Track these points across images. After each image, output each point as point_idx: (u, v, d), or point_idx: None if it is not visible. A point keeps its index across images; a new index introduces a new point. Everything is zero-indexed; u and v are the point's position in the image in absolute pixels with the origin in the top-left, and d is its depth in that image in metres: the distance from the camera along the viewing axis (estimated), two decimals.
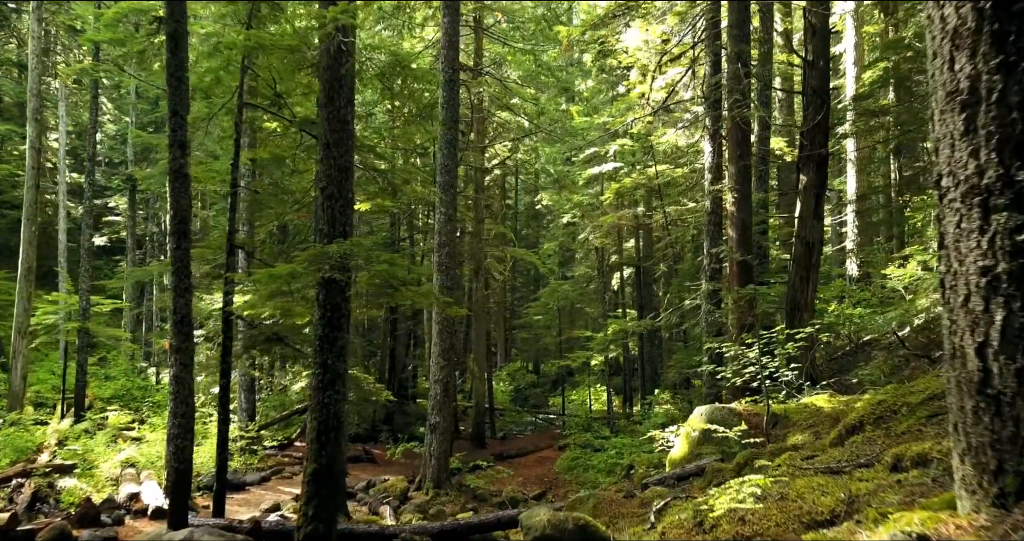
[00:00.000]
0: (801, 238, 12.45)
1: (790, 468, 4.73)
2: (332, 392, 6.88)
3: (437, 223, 14.69)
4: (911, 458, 3.46)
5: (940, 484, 2.93)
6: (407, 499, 13.89)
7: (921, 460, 3.36)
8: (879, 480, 3.42)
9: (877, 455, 4.33)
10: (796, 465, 4.82)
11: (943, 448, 3.24)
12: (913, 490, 2.96)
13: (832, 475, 4.06)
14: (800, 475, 4.23)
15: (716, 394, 12.67)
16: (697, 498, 4.82)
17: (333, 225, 7.03)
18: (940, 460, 3.19)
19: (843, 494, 3.24)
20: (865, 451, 4.69)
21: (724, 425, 8.41)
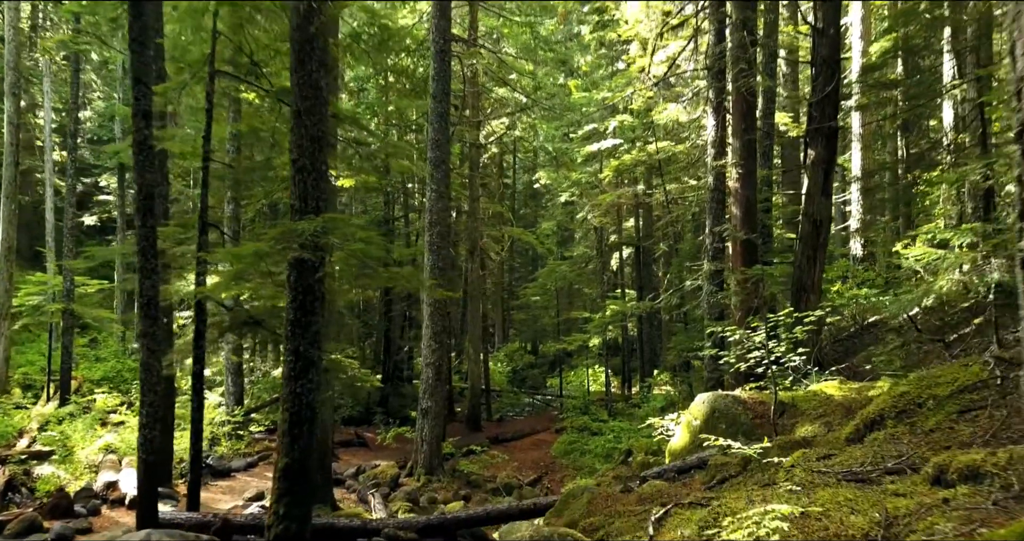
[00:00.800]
0: (808, 216, 11.88)
1: (806, 471, 4.21)
2: (305, 381, 6.36)
3: (428, 201, 14.11)
4: (958, 470, 2.93)
5: (1003, 509, 2.42)
6: (398, 485, 13.46)
7: (971, 473, 2.85)
8: (919, 495, 2.90)
9: (907, 459, 3.81)
10: (812, 467, 4.30)
11: (999, 461, 2.73)
12: (968, 514, 2.45)
13: (858, 483, 3.54)
14: (820, 482, 3.71)
15: (718, 379, 12.18)
16: (702, 505, 4.31)
17: (305, 200, 6.46)
18: (997, 475, 2.68)
19: (878, 513, 2.72)
20: (890, 452, 4.17)
21: (728, 414, 7.92)
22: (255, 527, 7.70)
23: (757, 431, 7.68)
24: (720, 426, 7.90)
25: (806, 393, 8.11)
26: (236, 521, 7.78)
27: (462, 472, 14.68)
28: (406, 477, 13.86)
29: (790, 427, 7.39)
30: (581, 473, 15.45)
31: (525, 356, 35.43)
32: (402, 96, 22.02)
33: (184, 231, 8.78)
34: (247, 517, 7.94)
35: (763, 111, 15.91)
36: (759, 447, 6.09)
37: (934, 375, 5.33)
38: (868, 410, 5.35)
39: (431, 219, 13.98)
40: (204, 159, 8.77)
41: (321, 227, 6.15)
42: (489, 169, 30.96)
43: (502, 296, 37.39)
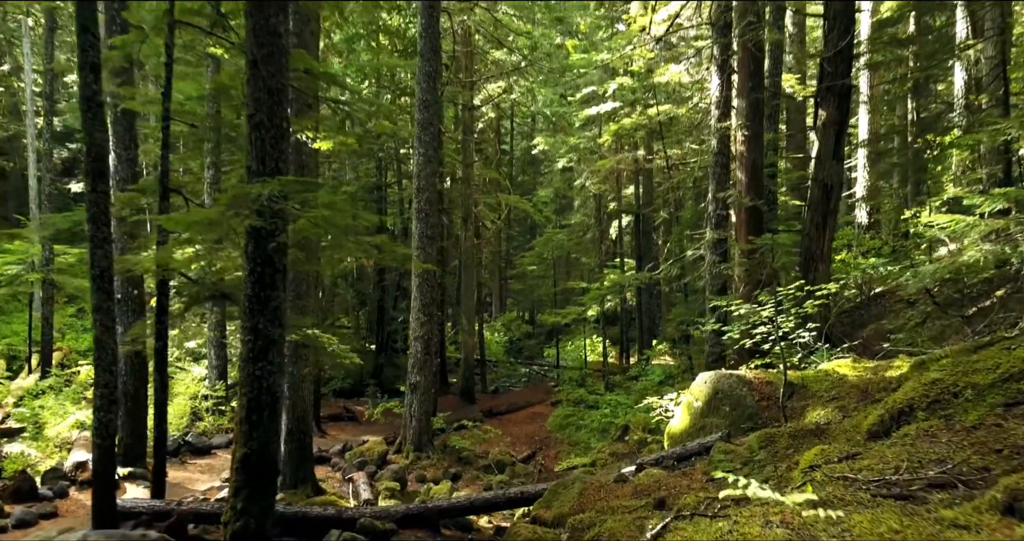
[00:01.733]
0: (818, 181, 11.16)
1: (828, 477, 3.59)
2: (265, 363, 5.73)
3: (416, 165, 13.36)
4: None
5: None
6: (386, 463, 12.96)
7: None
8: (989, 530, 2.27)
9: (952, 467, 3.18)
10: (835, 470, 3.68)
11: None
12: None
13: (899, 501, 2.91)
14: (850, 497, 3.09)
15: (719, 354, 11.58)
16: (706, 516, 3.69)
17: (263, 161, 5.76)
18: None
19: None
20: (928, 454, 3.54)
21: (731, 395, 7.31)
22: (219, 516, 7.14)
23: (763, 414, 7.09)
24: (723, 408, 7.31)
25: (816, 372, 7.49)
26: (202, 510, 7.23)
27: (453, 448, 14.17)
28: (394, 454, 13.35)
29: (800, 411, 6.79)
30: (576, 449, 14.97)
31: (522, 326, 34.91)
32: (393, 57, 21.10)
33: (144, 197, 8.07)
34: (212, 506, 7.38)
35: (769, 70, 15.06)
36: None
37: (970, 359, 4.69)
38: (894, 399, 4.72)
39: (419, 185, 13.25)
40: (164, 119, 8.02)
41: (278, 191, 5.46)
42: (486, 135, 30.07)
43: (499, 265, 36.72)
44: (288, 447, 10.27)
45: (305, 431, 10.33)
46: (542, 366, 28.93)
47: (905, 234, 21.87)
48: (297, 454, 10.27)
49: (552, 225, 31.99)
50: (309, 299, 10.36)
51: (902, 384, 5.98)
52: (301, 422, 10.28)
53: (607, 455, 13.49)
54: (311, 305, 10.35)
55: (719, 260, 11.71)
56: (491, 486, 12.42)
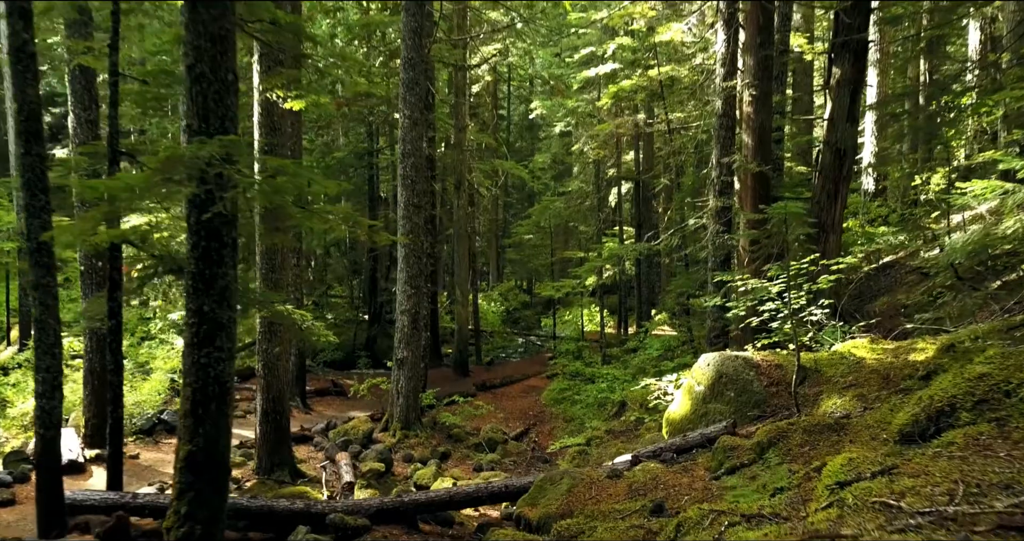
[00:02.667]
0: (830, 144, 10.40)
1: (861, 503, 2.93)
2: (212, 349, 5.05)
3: (401, 128, 12.55)
4: None
5: None
6: (372, 442, 12.39)
7: None
8: None
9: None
10: (872, 493, 3.02)
11: None
12: None
13: None
14: (896, 537, 2.43)
15: (722, 329, 10.93)
16: None
17: (206, 119, 5.01)
18: None
19: None
20: (986, 473, 2.88)
21: (737, 380, 6.66)
22: (157, 508, 6.56)
23: (772, 401, 6.46)
24: (728, 394, 6.67)
25: (831, 355, 6.84)
26: (160, 503, 6.64)
27: (443, 425, 13.62)
28: (381, 432, 12.79)
29: (813, 399, 6.15)
30: (571, 425, 14.43)
31: (520, 295, 34.30)
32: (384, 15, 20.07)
33: (93, 162, 7.32)
34: (167, 499, 6.76)
35: (778, 26, 14.14)
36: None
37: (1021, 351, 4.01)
38: (931, 395, 4.05)
39: (405, 149, 12.46)
40: (111, 74, 7.24)
41: (221, 153, 4.72)
42: (482, 99, 29.07)
43: (496, 234, 35.96)
44: (263, 429, 9.69)
45: (281, 412, 9.72)
46: (539, 336, 28.40)
47: (914, 202, 21.12)
48: (273, 436, 9.69)
49: (551, 192, 31.15)
50: (284, 272, 9.67)
51: (930, 370, 5.33)
52: (277, 402, 9.67)
53: (603, 433, 12.95)
54: (287, 278, 9.66)
55: (723, 230, 10.99)
56: (481, 466, 11.89)
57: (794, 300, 6.86)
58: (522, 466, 12.24)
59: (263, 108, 9.35)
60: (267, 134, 9.35)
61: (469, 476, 11.45)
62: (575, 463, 11.52)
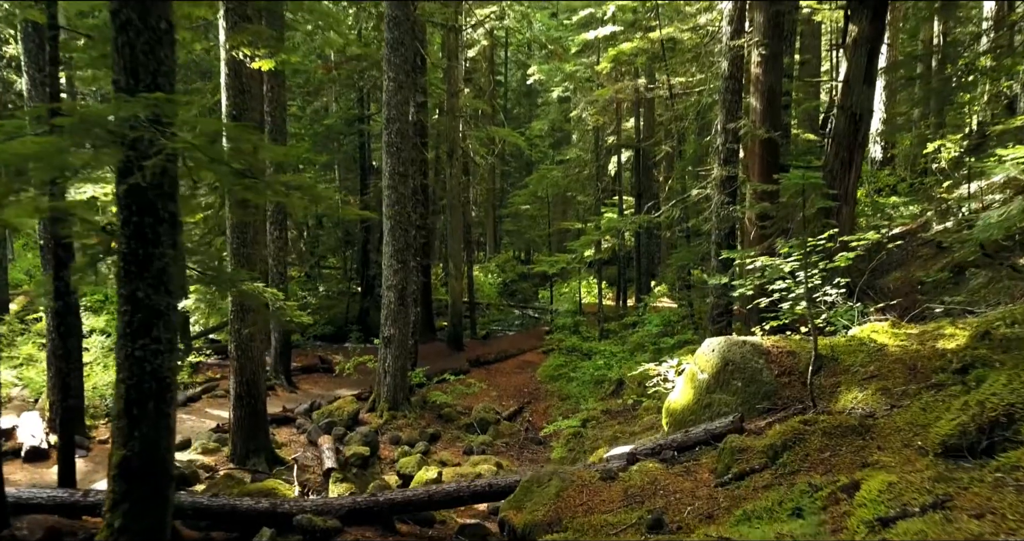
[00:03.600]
0: (845, 108, 9.66)
1: None
2: (148, 340, 4.42)
3: (385, 92, 11.77)
4: None
5: None
6: (358, 423, 11.86)
7: None
8: None
9: None
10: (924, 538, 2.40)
11: None
12: None
13: None
14: None
15: (725, 306, 10.31)
16: None
17: (134, 73, 4.30)
18: None
19: None
20: None
21: (745, 369, 6.04)
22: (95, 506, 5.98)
23: (783, 393, 5.84)
24: (734, 383, 6.06)
25: (848, 340, 6.20)
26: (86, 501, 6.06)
27: (433, 404, 13.08)
28: (367, 413, 12.25)
29: (830, 391, 5.53)
30: (567, 404, 13.89)
31: (517, 266, 33.67)
32: None
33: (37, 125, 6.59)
34: None
35: None
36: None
37: None
38: (981, 399, 3.42)
39: (389, 114, 11.70)
40: (50, 27, 6.48)
41: (147, 114, 4.03)
42: (478, 64, 28.12)
43: (494, 203, 35.19)
44: (237, 414, 9.11)
45: (256, 395, 9.14)
46: (536, 309, 27.83)
47: (924, 171, 20.35)
48: (248, 422, 9.12)
49: (549, 161, 30.30)
50: (257, 247, 9.00)
51: (965, 362, 4.70)
52: (251, 386, 9.08)
53: (599, 413, 12.41)
54: (259, 254, 9.00)
55: (728, 201, 10.29)
56: (471, 449, 11.37)
57: (814, 277, 6.22)
58: (514, 448, 11.72)
59: (230, 68, 8.59)
60: (235, 96, 8.61)
61: (459, 459, 10.93)
62: (569, 446, 11.00)
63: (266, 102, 13.71)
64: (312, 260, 27.00)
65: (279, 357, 14.11)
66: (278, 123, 13.81)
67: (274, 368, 14.14)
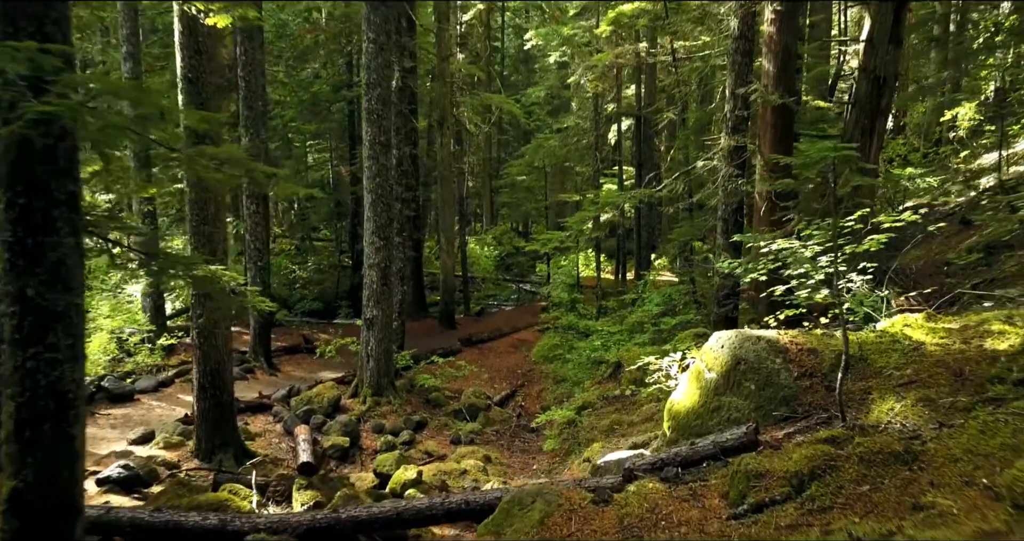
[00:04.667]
0: (868, 71, 8.78)
1: None
2: (42, 348, 3.64)
3: (365, 55, 10.84)
4: None
5: None
6: (339, 410, 11.17)
7: None
8: None
9: None
10: None
11: None
12: None
13: None
14: None
15: (732, 288, 9.52)
16: None
17: (13, 22, 3.45)
18: None
19: None
20: None
21: (760, 369, 5.28)
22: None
23: (804, 398, 5.08)
24: (747, 385, 5.30)
25: (877, 336, 5.43)
26: None
27: (421, 388, 12.38)
28: (350, 398, 11.55)
29: (860, 399, 4.77)
30: (562, 387, 13.19)
31: (515, 239, 32.82)
32: None
33: None
34: None
35: None
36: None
37: None
38: None
39: (369, 79, 10.79)
40: None
41: (27, 68, 3.19)
42: (474, 29, 26.97)
43: (490, 174, 34.20)
44: (201, 406, 8.39)
45: (222, 386, 8.41)
46: (533, 283, 27.06)
47: (938, 140, 19.40)
48: (213, 414, 8.40)
49: (549, 130, 29.28)
50: (219, 224, 8.18)
51: None
52: (216, 376, 8.35)
53: (595, 398, 11.71)
54: (221, 232, 8.19)
55: (736, 173, 9.44)
56: (459, 438, 10.69)
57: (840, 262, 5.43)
58: (505, 437, 11.05)
59: (184, 25, 7.69)
60: (190, 57, 7.72)
61: (445, 449, 10.25)
62: (563, 436, 10.31)
63: (240, 66, 12.78)
64: (302, 232, 26.13)
65: (258, 338, 13.38)
66: (254, 89, 12.88)
67: (253, 350, 13.43)
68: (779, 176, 8.88)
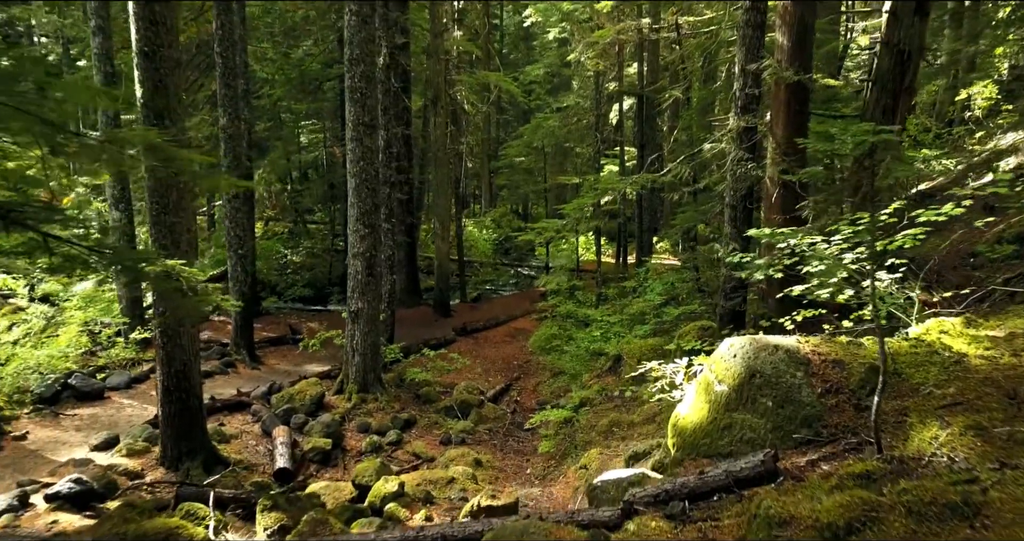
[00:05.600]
0: (890, 45, 8.03)
1: None
2: None
3: (347, 28, 10.08)
4: None
5: None
6: (323, 408, 10.56)
7: None
8: None
9: None
10: None
11: None
12: None
13: None
14: None
15: (741, 281, 8.83)
16: None
17: None
18: None
19: None
20: None
21: (777, 381, 4.64)
22: None
23: (829, 419, 4.43)
24: (763, 402, 4.65)
25: (911, 344, 4.77)
26: None
27: (411, 382, 11.79)
28: (335, 395, 10.95)
29: (895, 422, 4.12)
30: (559, 380, 12.58)
31: (514, 221, 32.08)
32: None
33: None
34: None
35: None
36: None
37: None
38: None
39: (351, 54, 10.05)
40: None
41: None
42: (472, 5, 26.06)
43: (489, 154, 33.39)
44: (166, 411, 7.77)
45: (189, 389, 7.78)
46: (533, 267, 26.41)
47: (951, 120, 18.61)
48: (180, 420, 7.78)
49: (550, 110, 28.44)
50: (183, 213, 7.51)
51: None
52: (182, 378, 7.72)
53: (594, 393, 11.11)
54: (186, 221, 7.52)
55: (746, 157, 8.73)
56: (449, 438, 10.11)
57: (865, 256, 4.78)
58: (498, 436, 10.45)
59: None
60: (145, 29, 7.00)
61: (434, 451, 9.67)
62: (559, 437, 9.70)
63: (216, 41, 12.03)
64: (293, 214, 25.41)
65: (240, 329, 12.75)
66: (232, 66, 12.14)
67: (234, 342, 12.80)
68: (793, 160, 8.19)
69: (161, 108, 7.22)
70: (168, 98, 7.29)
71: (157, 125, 7.25)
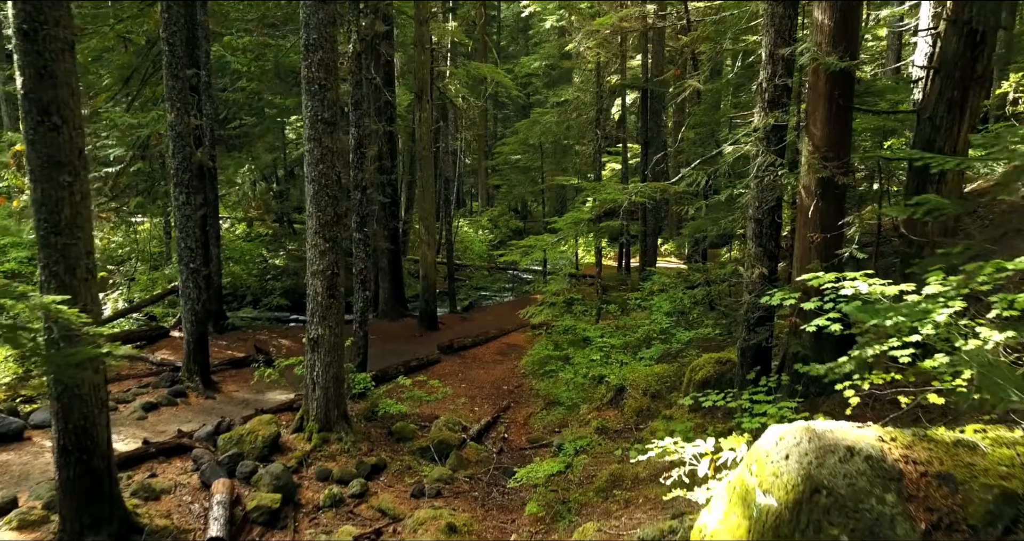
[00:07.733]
0: (958, 23, 6.56)
1: None
2: None
3: (302, 9, 8.57)
4: None
5: None
6: (277, 450, 9.07)
7: None
8: None
9: None
10: None
11: None
12: None
13: None
14: None
15: (764, 314, 7.31)
16: None
17: None
18: None
19: None
20: None
21: (856, 507, 3.15)
22: None
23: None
24: (832, 533, 3.16)
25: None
26: None
27: (385, 416, 10.32)
28: (293, 434, 9.47)
29: None
30: (553, 412, 11.09)
31: (512, 221, 30.57)
32: None
33: None
34: None
35: None
36: None
37: None
38: None
39: (308, 39, 8.54)
40: None
41: None
42: None
43: (484, 152, 31.88)
44: (64, 475, 6.30)
45: (92, 449, 6.32)
46: (530, 271, 24.93)
47: (985, 116, 17.07)
48: (81, 485, 6.32)
49: (550, 104, 26.92)
50: (82, 232, 6.04)
51: None
52: (83, 436, 6.26)
53: (593, 432, 9.66)
54: (85, 243, 6.06)
55: (776, 162, 7.22)
56: (423, 489, 8.64)
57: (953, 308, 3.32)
58: (480, 486, 8.97)
59: None
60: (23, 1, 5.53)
61: (404, 505, 8.23)
62: (550, 492, 8.19)
63: (162, 26, 10.55)
64: (273, 216, 23.91)
65: (193, 353, 11.27)
66: (180, 54, 10.65)
67: (187, 367, 11.33)
68: (835, 165, 6.70)
69: (47, 101, 5.75)
70: (57, 89, 5.81)
71: (43, 122, 5.79)
